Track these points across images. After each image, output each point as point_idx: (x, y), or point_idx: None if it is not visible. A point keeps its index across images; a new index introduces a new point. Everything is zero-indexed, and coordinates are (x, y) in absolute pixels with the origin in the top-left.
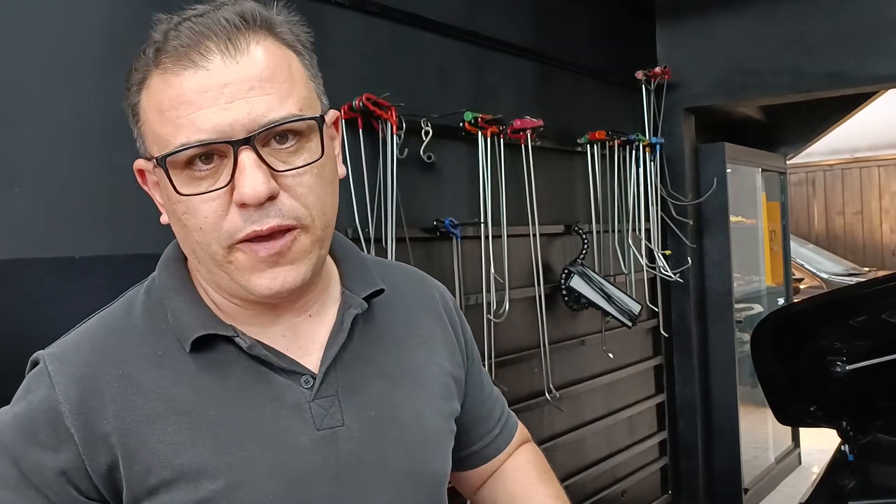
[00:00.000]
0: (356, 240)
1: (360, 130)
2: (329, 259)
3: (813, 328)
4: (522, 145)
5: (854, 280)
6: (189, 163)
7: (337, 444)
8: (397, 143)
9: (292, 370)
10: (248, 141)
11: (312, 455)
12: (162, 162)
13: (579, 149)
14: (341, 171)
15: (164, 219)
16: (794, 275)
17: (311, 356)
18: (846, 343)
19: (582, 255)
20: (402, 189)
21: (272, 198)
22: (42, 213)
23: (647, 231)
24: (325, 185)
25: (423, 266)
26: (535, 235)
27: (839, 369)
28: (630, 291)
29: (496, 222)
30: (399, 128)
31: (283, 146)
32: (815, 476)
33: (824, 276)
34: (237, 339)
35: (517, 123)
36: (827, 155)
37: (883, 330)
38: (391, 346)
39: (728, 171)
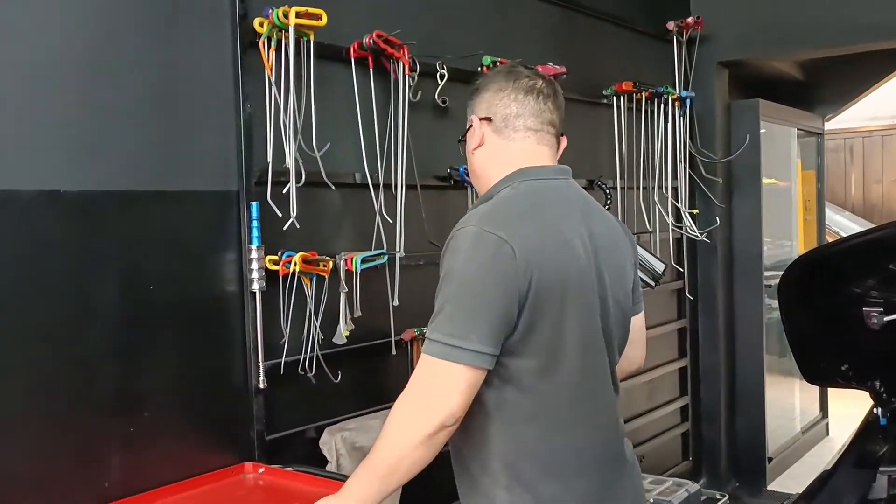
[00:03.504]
0: (364, 185)
1: (371, 71)
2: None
3: (847, 274)
4: None
5: None
6: None
7: None
8: (410, 86)
9: None
10: None
11: None
12: None
13: (604, 101)
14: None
15: None
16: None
17: None
18: (884, 292)
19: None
20: (413, 134)
21: None
22: None
23: (675, 189)
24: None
25: (434, 216)
26: None
27: (875, 321)
28: (654, 251)
29: None
30: (412, 69)
31: None
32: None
33: None
34: None
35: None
36: (866, 121)
37: None
38: None
39: (762, 130)
